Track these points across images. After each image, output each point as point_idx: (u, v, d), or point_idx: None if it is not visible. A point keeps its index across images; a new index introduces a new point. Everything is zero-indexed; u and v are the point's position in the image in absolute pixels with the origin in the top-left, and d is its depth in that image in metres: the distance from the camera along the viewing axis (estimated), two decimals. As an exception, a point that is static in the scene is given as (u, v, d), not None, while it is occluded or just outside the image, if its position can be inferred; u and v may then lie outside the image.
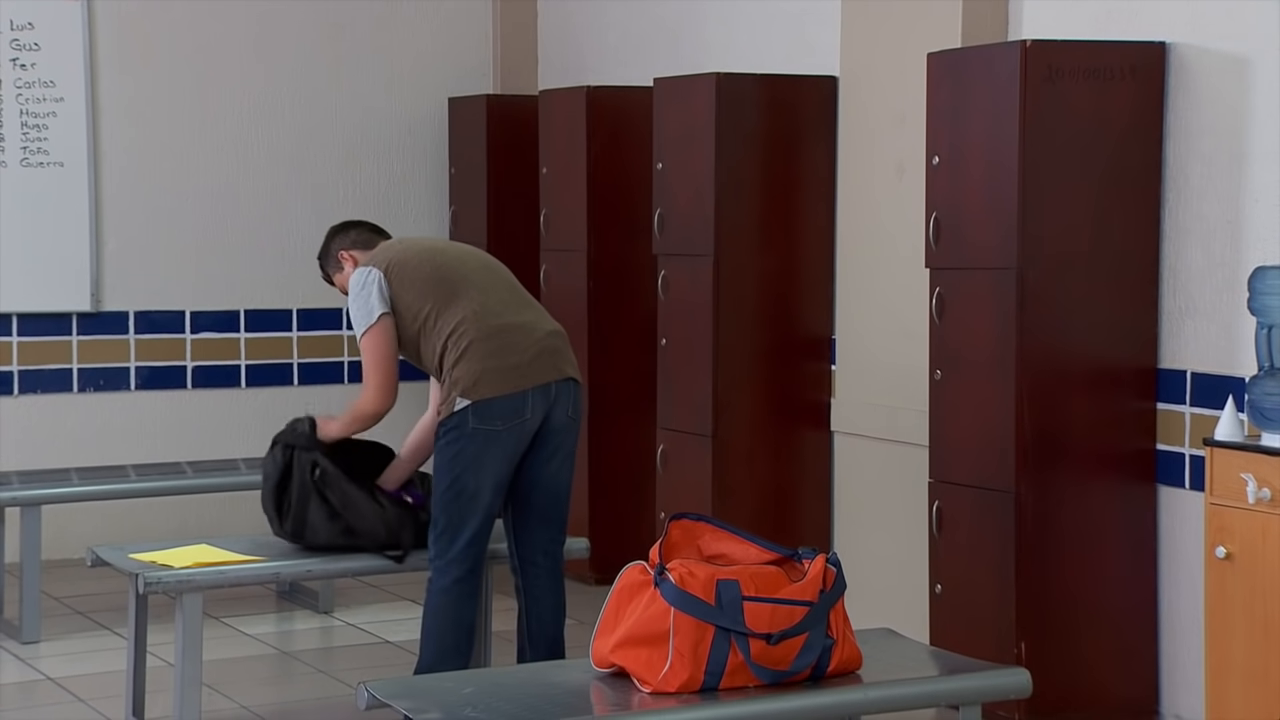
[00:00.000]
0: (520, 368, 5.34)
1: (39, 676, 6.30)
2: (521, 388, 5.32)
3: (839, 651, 4.33)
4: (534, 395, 5.34)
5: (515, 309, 5.45)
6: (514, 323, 5.40)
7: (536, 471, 5.43)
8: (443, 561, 5.37)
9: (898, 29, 6.50)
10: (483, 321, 5.36)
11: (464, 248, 5.70)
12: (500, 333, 5.36)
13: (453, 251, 5.61)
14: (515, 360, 5.34)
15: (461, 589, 5.37)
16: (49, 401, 8.14)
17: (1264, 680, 4.82)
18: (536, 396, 5.35)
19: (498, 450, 5.32)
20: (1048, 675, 5.35)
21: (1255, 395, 4.91)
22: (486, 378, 5.31)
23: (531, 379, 5.34)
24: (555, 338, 5.46)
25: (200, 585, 5.35)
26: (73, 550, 7.54)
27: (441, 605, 5.38)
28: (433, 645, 5.39)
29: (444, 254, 5.54)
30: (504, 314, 5.40)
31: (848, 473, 6.86)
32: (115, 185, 8.21)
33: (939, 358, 5.79)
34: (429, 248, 5.57)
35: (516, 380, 5.33)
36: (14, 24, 8.02)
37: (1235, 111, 5.42)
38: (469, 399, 5.30)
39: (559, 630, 5.56)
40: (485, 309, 5.38)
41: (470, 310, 5.37)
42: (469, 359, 5.32)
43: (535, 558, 5.50)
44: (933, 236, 5.77)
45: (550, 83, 8.42)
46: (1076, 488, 5.59)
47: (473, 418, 5.30)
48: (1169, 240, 5.62)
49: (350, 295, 5.47)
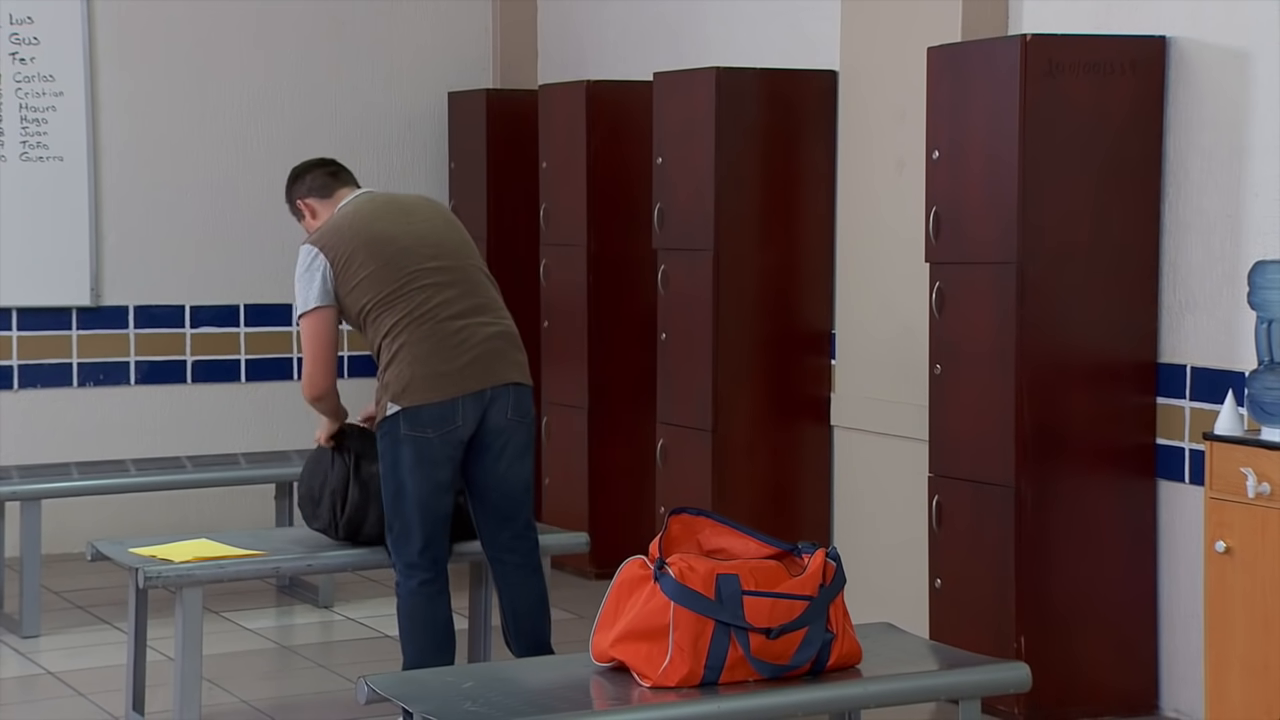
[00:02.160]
0: (451, 374, 5.23)
1: (39, 671, 6.30)
2: (451, 395, 5.22)
3: (839, 646, 4.33)
4: (465, 403, 5.24)
5: (460, 307, 5.29)
6: (453, 326, 5.26)
7: (487, 473, 5.35)
8: (403, 564, 5.36)
9: (898, 23, 6.50)
10: (419, 324, 5.24)
11: (425, 226, 5.39)
12: (434, 336, 5.24)
13: (407, 237, 5.33)
14: (446, 367, 5.23)
15: (428, 590, 5.36)
16: (49, 396, 8.14)
17: (1264, 675, 4.82)
18: (468, 404, 5.24)
19: (432, 455, 5.24)
20: (1047, 670, 5.35)
21: (1255, 390, 4.91)
22: (415, 384, 5.22)
23: (463, 386, 5.23)
24: (498, 339, 5.32)
25: (200, 580, 5.35)
26: (73, 545, 7.54)
27: (412, 607, 5.38)
28: (413, 646, 5.39)
29: (395, 242, 5.30)
30: (444, 314, 5.26)
31: (848, 467, 6.86)
32: (115, 180, 8.21)
33: (939, 352, 5.79)
34: (380, 234, 5.31)
35: (446, 387, 5.22)
36: (13, 18, 8.01)
37: (1235, 105, 5.41)
38: (398, 405, 5.23)
39: (540, 624, 5.50)
40: (424, 309, 5.26)
41: (408, 310, 5.25)
42: (400, 363, 5.24)
43: (502, 555, 5.48)
44: (932, 231, 5.77)
45: (550, 77, 8.42)
46: (1076, 482, 5.59)
47: (403, 423, 5.23)
48: (1169, 234, 5.62)
49: (297, 270, 5.40)
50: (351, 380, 8.65)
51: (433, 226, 5.42)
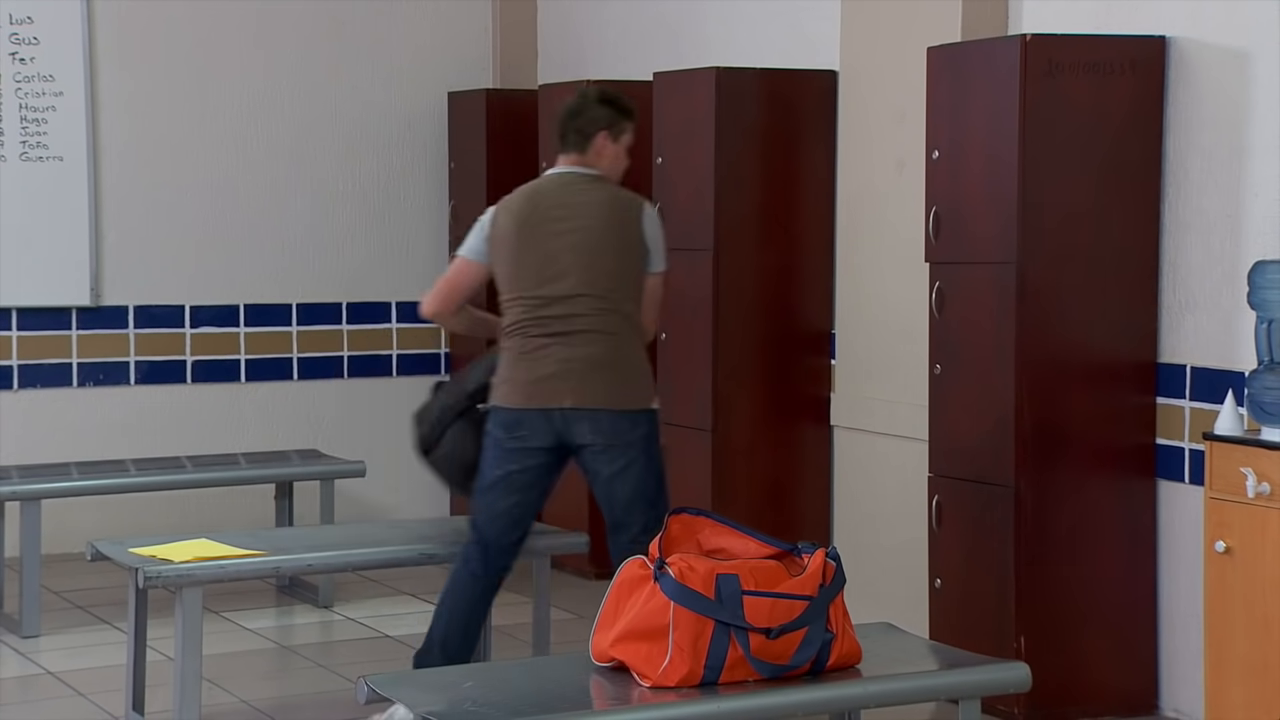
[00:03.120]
0: (527, 386, 5.36)
1: (39, 671, 6.30)
2: (519, 405, 5.37)
3: (838, 646, 4.33)
4: (532, 416, 5.35)
5: (558, 328, 5.35)
6: (541, 342, 5.35)
7: (594, 485, 5.50)
8: (464, 543, 5.54)
9: (898, 24, 6.50)
10: (522, 334, 5.38)
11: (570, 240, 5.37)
12: (526, 348, 5.37)
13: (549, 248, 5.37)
14: (527, 377, 5.36)
15: (471, 569, 5.50)
16: (49, 396, 8.14)
17: (1263, 675, 4.82)
18: (536, 418, 5.35)
19: (500, 453, 5.40)
20: (1047, 670, 5.35)
21: (1255, 390, 4.91)
22: (501, 386, 5.42)
23: (534, 400, 5.36)
24: (582, 364, 5.34)
25: (200, 580, 5.35)
26: (73, 544, 7.54)
27: (452, 581, 5.53)
28: (439, 623, 5.51)
29: (537, 250, 5.36)
30: (550, 325, 5.35)
31: (847, 467, 6.86)
32: (115, 179, 8.21)
33: (939, 352, 5.79)
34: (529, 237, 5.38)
35: (520, 398, 5.38)
36: (13, 18, 8.01)
37: (1235, 105, 5.41)
38: (492, 400, 5.45)
39: None
40: (536, 314, 5.37)
41: (519, 316, 5.39)
42: (502, 362, 5.44)
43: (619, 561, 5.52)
44: (932, 231, 5.77)
45: (550, 77, 8.42)
46: (1076, 482, 5.59)
47: (489, 417, 5.45)
48: (1169, 235, 5.62)
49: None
50: (351, 379, 8.67)
51: (579, 239, 5.38)
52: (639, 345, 5.45)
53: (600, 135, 5.48)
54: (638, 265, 5.43)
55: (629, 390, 5.39)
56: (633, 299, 5.42)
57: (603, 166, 5.50)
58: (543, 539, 5.87)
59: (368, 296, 8.66)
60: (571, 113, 5.51)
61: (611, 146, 5.51)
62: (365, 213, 8.66)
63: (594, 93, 5.58)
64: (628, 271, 5.41)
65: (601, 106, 5.50)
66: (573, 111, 5.51)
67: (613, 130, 5.50)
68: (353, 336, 8.66)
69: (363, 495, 8.40)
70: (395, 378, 8.72)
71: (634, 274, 5.42)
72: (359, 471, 7.53)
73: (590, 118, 5.49)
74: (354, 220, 8.64)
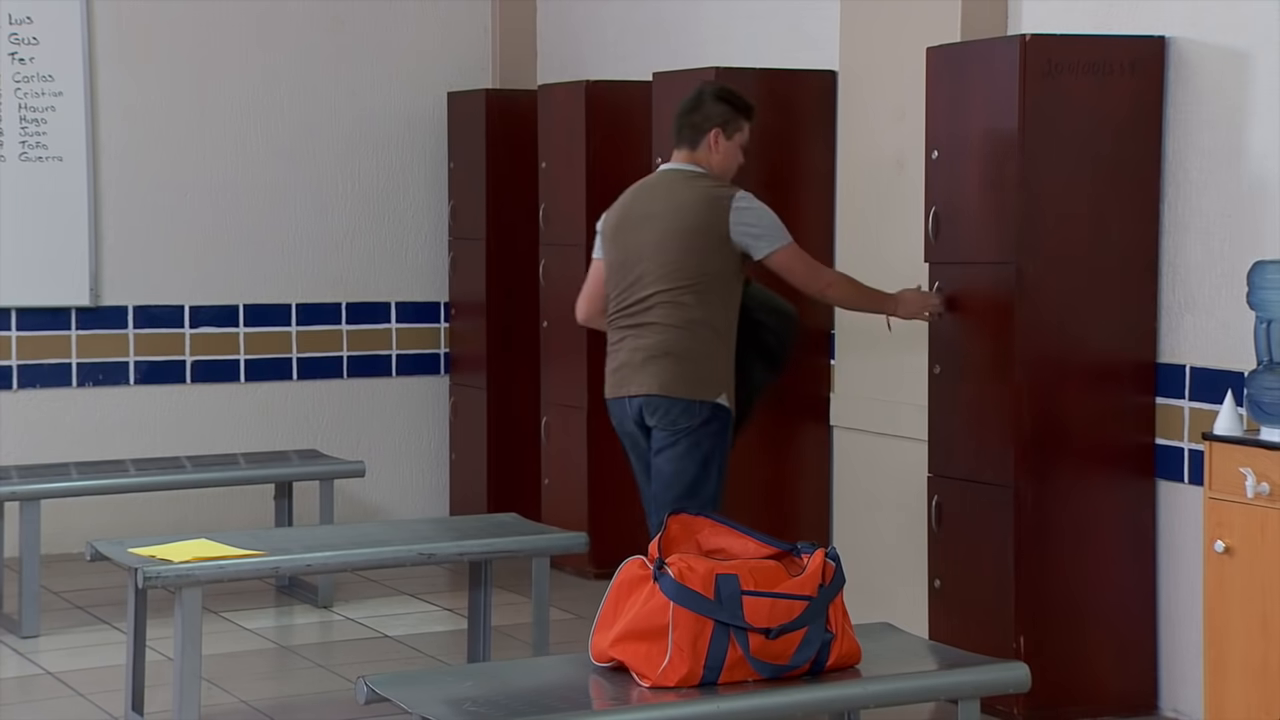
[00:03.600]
0: (609, 378, 5.62)
1: (38, 671, 6.30)
2: (609, 397, 5.63)
3: (838, 646, 4.33)
4: (615, 406, 5.61)
5: (628, 322, 5.52)
6: (626, 330, 5.54)
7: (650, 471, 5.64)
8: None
9: (897, 23, 6.50)
10: (614, 320, 5.60)
11: (652, 237, 5.49)
12: (614, 337, 5.60)
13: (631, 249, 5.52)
14: (609, 369, 5.62)
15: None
16: (48, 396, 8.14)
17: (1263, 675, 4.82)
18: (618, 408, 5.60)
19: (624, 447, 5.70)
20: (1047, 670, 5.35)
21: (1254, 390, 4.91)
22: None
23: (613, 391, 5.60)
24: (644, 353, 5.47)
25: (199, 580, 5.35)
26: (72, 545, 7.54)
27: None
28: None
29: (624, 251, 5.54)
30: (628, 319, 5.53)
31: (847, 467, 6.86)
32: (114, 180, 8.21)
33: (939, 352, 5.79)
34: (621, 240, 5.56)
35: (607, 390, 5.63)
36: (12, 18, 8.01)
37: (1235, 106, 5.41)
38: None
39: None
40: (620, 308, 5.57)
41: (613, 306, 5.60)
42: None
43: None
44: (932, 231, 5.77)
45: (549, 77, 8.42)
46: (1075, 482, 5.59)
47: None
48: (1168, 235, 5.62)
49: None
50: (351, 380, 8.67)
51: (659, 238, 5.48)
52: (711, 341, 5.47)
53: (713, 132, 5.53)
54: (724, 260, 5.46)
55: (686, 379, 5.45)
56: (716, 293, 5.47)
57: (714, 163, 5.54)
58: (542, 539, 5.88)
59: (367, 297, 8.66)
60: (687, 108, 5.57)
61: (725, 143, 5.55)
62: (365, 213, 8.66)
63: (711, 89, 5.61)
64: (706, 266, 5.44)
65: (717, 103, 5.54)
66: (688, 107, 5.57)
67: (727, 128, 5.54)
68: (352, 337, 8.66)
69: (362, 495, 8.40)
70: (395, 378, 8.72)
71: (717, 269, 5.46)
72: (358, 471, 7.52)
73: (705, 114, 5.54)
74: (353, 220, 8.63)
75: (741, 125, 5.57)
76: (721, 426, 5.48)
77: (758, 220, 5.48)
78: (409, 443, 8.74)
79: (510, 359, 8.28)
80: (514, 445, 8.25)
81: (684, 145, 5.57)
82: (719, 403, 5.46)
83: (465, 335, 8.54)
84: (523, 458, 8.19)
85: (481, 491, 8.30)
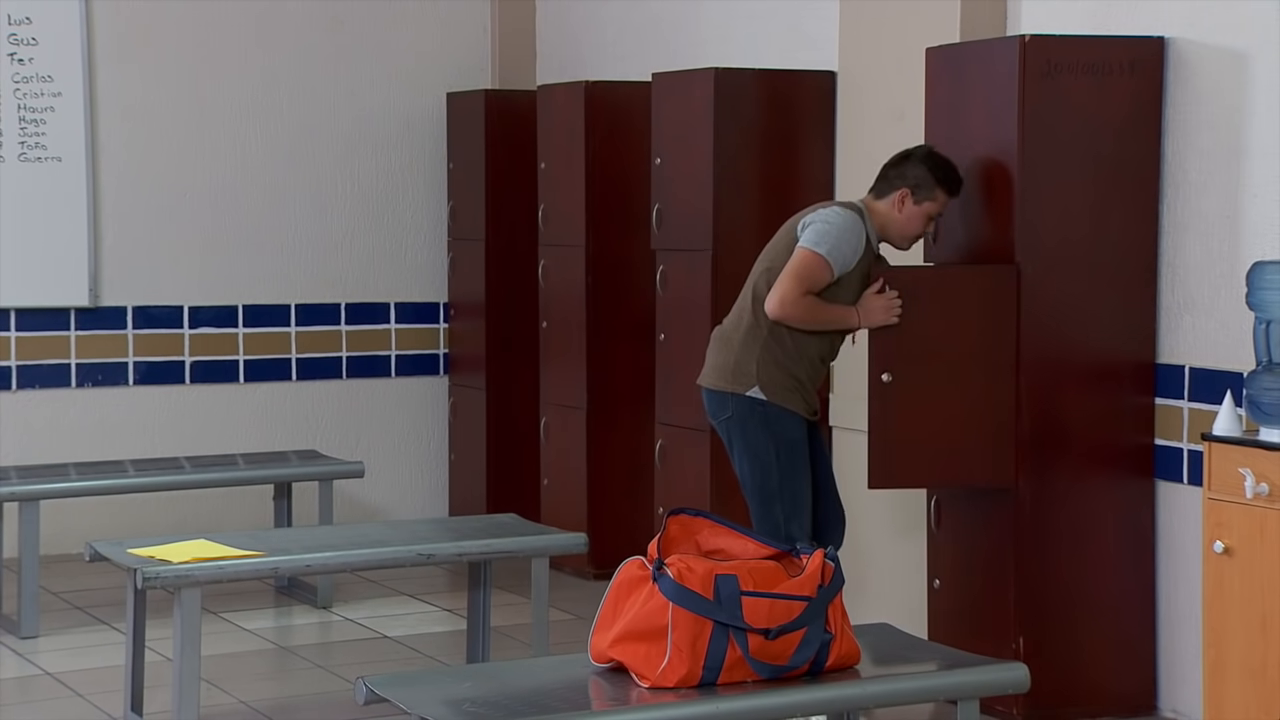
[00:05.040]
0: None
1: (37, 671, 6.30)
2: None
3: (837, 646, 4.33)
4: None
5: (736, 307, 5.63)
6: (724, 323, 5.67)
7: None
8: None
9: (896, 24, 6.49)
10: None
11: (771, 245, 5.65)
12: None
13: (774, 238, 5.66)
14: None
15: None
16: (47, 396, 8.14)
17: (1262, 675, 4.82)
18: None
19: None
20: (1046, 670, 5.35)
21: (1253, 390, 4.91)
22: None
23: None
24: (711, 343, 5.67)
25: (199, 580, 5.35)
26: (71, 545, 7.54)
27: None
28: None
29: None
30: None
31: (846, 468, 6.85)
32: (113, 180, 8.21)
33: (885, 360, 5.77)
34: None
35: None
36: (11, 18, 8.01)
37: (1234, 106, 5.41)
38: None
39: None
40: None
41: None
42: None
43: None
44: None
45: (549, 78, 8.42)
46: (1075, 483, 5.59)
47: None
48: (1167, 235, 5.62)
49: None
50: (350, 380, 8.67)
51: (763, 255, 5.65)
52: (757, 342, 5.50)
53: (903, 191, 5.49)
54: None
55: (722, 370, 5.56)
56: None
57: (892, 219, 5.50)
58: (542, 539, 5.88)
59: (366, 297, 8.66)
60: (894, 159, 5.56)
61: (911, 207, 5.51)
62: (364, 213, 8.66)
63: (924, 150, 5.55)
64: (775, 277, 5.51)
65: (920, 165, 5.50)
66: (895, 159, 5.55)
67: (917, 192, 5.49)
68: (351, 337, 8.66)
69: (361, 496, 8.40)
70: (394, 378, 8.72)
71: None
72: (358, 472, 7.52)
73: (903, 171, 5.51)
74: (353, 221, 8.63)
75: (936, 195, 5.49)
76: (751, 418, 5.51)
77: (822, 219, 5.46)
78: (408, 443, 8.74)
79: (509, 359, 8.28)
80: (513, 446, 8.25)
81: (873, 190, 5.56)
82: (749, 394, 5.48)
83: (464, 336, 8.54)
84: (522, 458, 8.19)
85: (481, 492, 8.30)
